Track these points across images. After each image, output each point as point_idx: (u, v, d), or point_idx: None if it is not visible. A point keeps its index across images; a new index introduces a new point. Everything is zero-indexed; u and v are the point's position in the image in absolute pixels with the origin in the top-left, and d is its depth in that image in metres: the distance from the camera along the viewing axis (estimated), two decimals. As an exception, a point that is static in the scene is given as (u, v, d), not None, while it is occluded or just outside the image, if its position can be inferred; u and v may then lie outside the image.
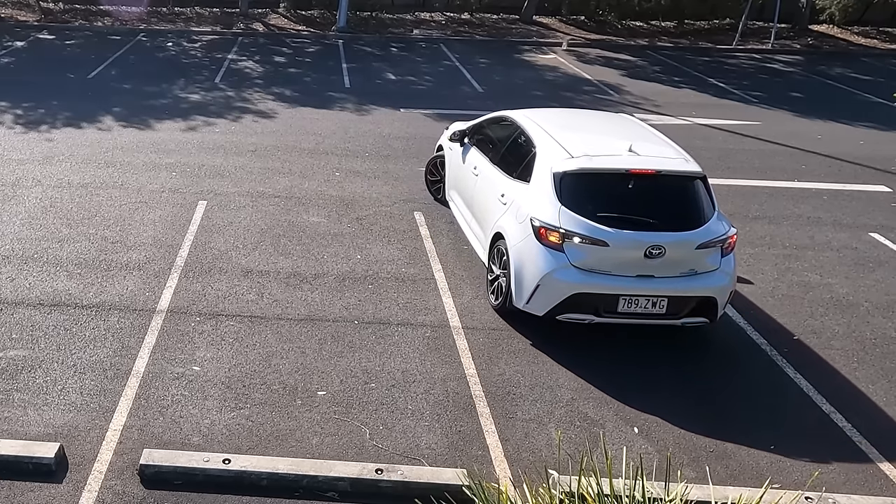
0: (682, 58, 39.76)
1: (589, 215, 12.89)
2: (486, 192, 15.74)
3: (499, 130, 16.83)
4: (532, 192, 13.88)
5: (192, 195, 19.72)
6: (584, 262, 12.88)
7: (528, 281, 13.26)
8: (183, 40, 39.61)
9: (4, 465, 10.30)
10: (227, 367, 12.81)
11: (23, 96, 28.10)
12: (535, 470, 10.63)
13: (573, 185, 13.31)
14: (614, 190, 13.42)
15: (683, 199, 13.41)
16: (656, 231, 12.79)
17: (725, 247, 13.10)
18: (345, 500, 10.19)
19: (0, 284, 15.00)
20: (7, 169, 20.89)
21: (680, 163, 13.60)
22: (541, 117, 15.97)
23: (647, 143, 14.44)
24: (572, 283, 12.86)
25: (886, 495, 10.34)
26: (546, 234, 13.04)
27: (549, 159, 13.88)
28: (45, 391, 12.01)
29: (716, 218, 13.19)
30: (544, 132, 14.83)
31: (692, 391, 12.42)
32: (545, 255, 13.05)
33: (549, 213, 13.16)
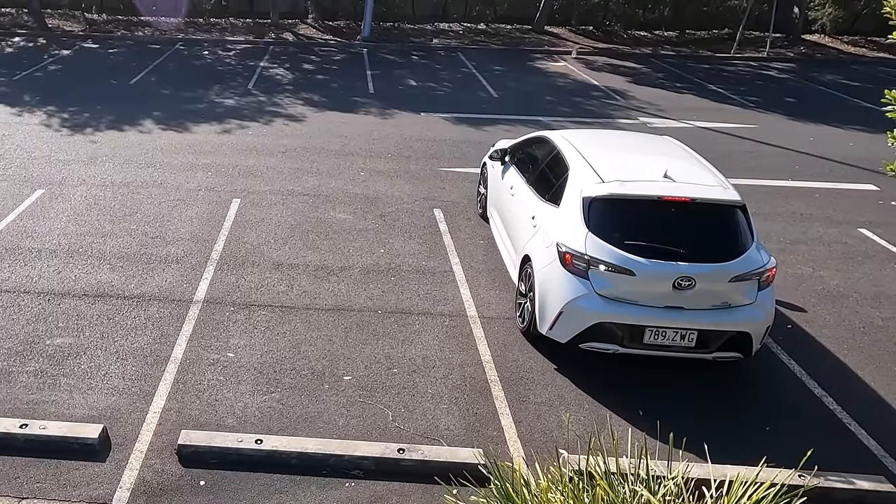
0: (683, 65, 39.70)
1: (616, 243, 11.70)
2: (518, 214, 14.76)
3: (536, 151, 15.72)
4: (560, 217, 12.75)
5: (227, 193, 19.73)
6: (610, 291, 11.65)
7: (551, 307, 12.18)
8: (218, 49, 39.65)
9: (52, 446, 10.33)
10: (259, 353, 12.84)
11: (69, 101, 28.15)
12: (547, 450, 10.66)
13: (602, 210, 12.11)
14: (645, 217, 12.22)
15: (718, 228, 12.15)
16: (687, 261, 11.46)
17: (763, 280, 11.72)
18: (369, 478, 10.19)
19: (48, 276, 15.04)
20: (54, 169, 20.92)
21: (718, 191, 12.24)
22: (578, 139, 14.73)
23: (685, 168, 13.14)
24: (596, 312, 11.67)
25: (872, 472, 10.44)
26: (571, 261, 11.89)
27: (579, 183, 12.71)
28: (90, 376, 12.04)
29: (754, 249, 11.79)
30: (578, 154, 13.59)
31: (691, 376, 12.40)
32: (569, 282, 11.89)
33: (575, 239, 11.95)
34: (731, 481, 7.37)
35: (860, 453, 11.12)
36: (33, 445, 10.34)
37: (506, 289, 15.08)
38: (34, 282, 14.84)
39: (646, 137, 16.16)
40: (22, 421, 10.61)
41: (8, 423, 10.53)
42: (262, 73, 34.41)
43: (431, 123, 27.30)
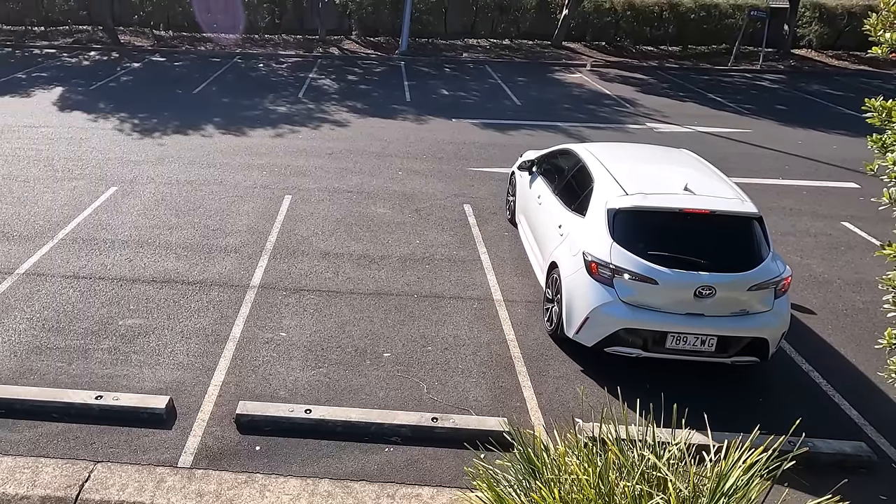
0: (686, 76, 39.49)
1: (640, 253, 11.28)
2: (546, 222, 14.20)
3: (562, 162, 15.15)
4: (586, 227, 12.23)
5: (280, 191, 19.74)
6: (634, 299, 11.24)
7: (577, 313, 11.73)
8: (272, 62, 39.64)
9: (124, 415, 10.43)
10: (308, 333, 12.87)
11: (139, 108, 28.22)
12: (564, 419, 10.74)
13: (626, 222, 11.66)
14: (667, 228, 11.69)
15: (737, 239, 11.61)
16: (707, 271, 11.03)
17: (779, 288, 11.30)
18: (406, 443, 10.25)
19: (120, 264, 15.10)
20: (126, 168, 20.99)
21: (735, 203, 11.75)
22: (602, 152, 14.14)
23: (704, 181, 12.58)
24: (620, 319, 11.25)
25: (853, 438, 10.58)
26: (597, 269, 11.45)
27: (604, 195, 12.25)
28: (158, 353, 12.11)
29: (770, 259, 11.38)
30: (602, 167, 13.12)
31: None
32: (595, 290, 11.44)
33: (600, 249, 11.54)
34: (728, 447, 7.35)
35: (843, 422, 11.21)
36: (107, 415, 10.45)
37: (528, 276, 15.06)
38: (108, 269, 14.91)
39: (664, 150, 15.46)
40: (97, 393, 10.69)
41: (85, 395, 10.61)
42: (311, 84, 34.40)
43: (462, 128, 27.24)
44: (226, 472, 9.59)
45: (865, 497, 9.45)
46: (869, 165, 7.97)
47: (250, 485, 9.35)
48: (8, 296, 13.75)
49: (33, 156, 22.00)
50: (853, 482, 9.26)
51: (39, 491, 9.12)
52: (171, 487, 9.25)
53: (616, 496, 6.80)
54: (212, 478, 9.44)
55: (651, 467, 7.11)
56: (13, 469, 9.42)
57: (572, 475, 7.13)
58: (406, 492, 9.35)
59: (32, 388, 10.91)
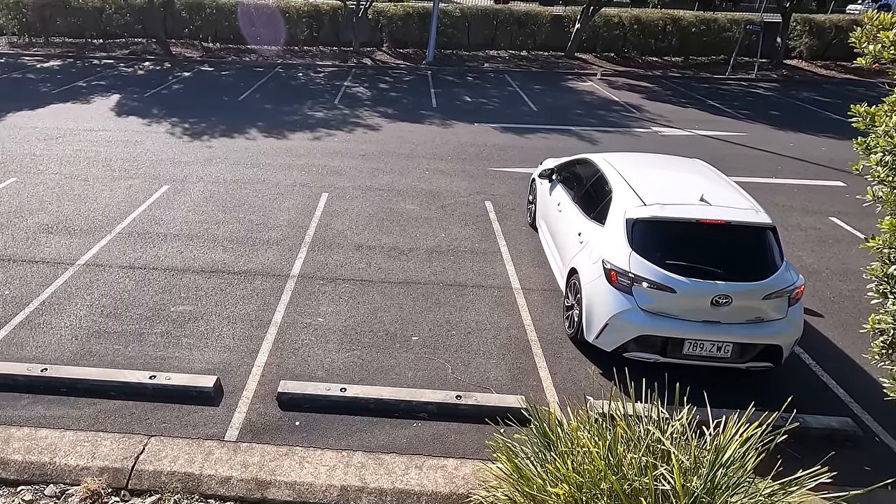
0: (687, 84, 39.33)
1: (658, 262, 10.84)
2: (566, 229, 13.76)
3: (581, 171, 14.59)
4: (606, 235, 11.79)
5: (317, 189, 19.76)
6: (652, 306, 10.79)
7: (597, 318, 11.31)
8: (310, 71, 39.65)
9: (176, 393, 10.50)
10: (344, 318, 12.90)
11: (189, 113, 28.31)
12: (577, 396, 10.76)
13: (644, 231, 11.19)
14: (684, 238, 11.14)
15: (752, 249, 11.10)
16: (723, 280, 10.57)
17: (793, 296, 10.85)
18: (432, 419, 10.29)
19: (172, 256, 15.17)
20: (177, 169, 21.07)
21: (750, 213, 11.28)
22: (619, 161, 13.68)
23: (719, 192, 12.02)
24: (638, 325, 10.81)
25: (840, 414, 10.66)
26: (616, 277, 11.03)
27: (623, 205, 11.79)
28: (206, 337, 12.17)
29: (784, 268, 10.91)
30: (620, 177, 12.65)
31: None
32: (614, 297, 11.02)
33: (619, 257, 11.11)
34: (725, 422, 7.36)
35: (831, 399, 11.24)
36: (160, 393, 10.53)
37: (544, 266, 15.08)
38: (161, 260, 14.98)
39: (679, 160, 14.91)
40: (151, 373, 10.75)
41: (140, 375, 10.67)
42: (346, 91, 34.40)
43: (483, 132, 27.17)
44: (268, 445, 9.65)
45: (851, 468, 9.43)
46: (854, 166, 7.99)
47: (290, 457, 9.40)
48: (70, 284, 13.84)
49: (93, 157, 22.12)
50: (840, 454, 9.27)
51: (98, 462, 9.19)
52: (218, 459, 9.30)
53: (624, 467, 6.82)
54: (255, 450, 9.50)
55: (656, 441, 7.11)
56: (75, 443, 9.49)
57: (584, 448, 7.15)
58: (433, 463, 9.39)
59: (92, 368, 11.00)
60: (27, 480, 9.02)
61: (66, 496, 8.80)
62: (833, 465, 7.14)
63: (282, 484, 8.98)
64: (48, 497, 8.80)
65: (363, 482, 9.03)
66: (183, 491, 8.90)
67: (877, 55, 7.53)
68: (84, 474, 9.04)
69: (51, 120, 26.84)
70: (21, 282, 13.89)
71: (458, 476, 9.16)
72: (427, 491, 8.94)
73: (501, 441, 7.80)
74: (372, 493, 8.91)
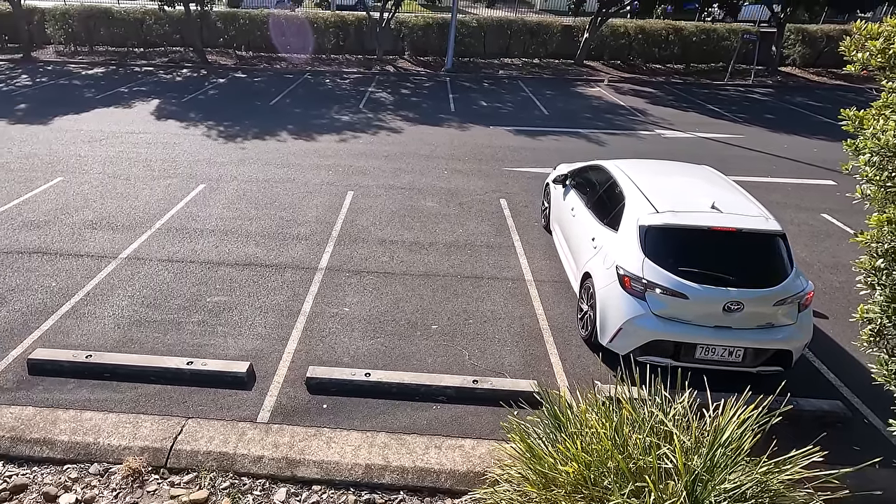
0: (688, 90, 39.20)
1: (671, 268, 10.48)
2: (579, 234, 13.33)
3: (593, 177, 14.15)
4: (619, 241, 11.39)
5: (343, 187, 19.78)
6: (665, 312, 10.43)
7: (611, 323, 10.95)
8: (336, 78, 39.65)
9: (211, 378, 10.57)
10: (368, 308, 12.93)
11: (224, 117, 28.36)
12: (585, 381, 10.80)
13: (657, 238, 10.83)
14: (696, 245, 10.79)
15: (763, 256, 10.77)
16: (735, 287, 10.23)
17: (802, 302, 10.49)
18: (450, 402, 10.32)
19: (208, 250, 15.23)
20: (213, 169, 21.13)
21: (761, 221, 10.92)
22: (631, 168, 13.21)
23: (729, 199, 11.62)
24: (652, 331, 10.47)
25: (832, 398, 10.69)
26: (629, 283, 10.68)
27: (636, 212, 11.40)
28: (240, 325, 12.23)
29: (793, 275, 10.55)
30: (633, 184, 12.25)
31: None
32: (628, 302, 10.66)
33: (633, 264, 10.76)
34: (724, 405, 7.36)
35: (822, 384, 11.27)
36: (197, 378, 10.59)
37: (554, 259, 15.09)
38: (197, 254, 15.04)
39: (688, 167, 14.41)
40: (189, 359, 10.81)
41: (178, 361, 10.73)
42: (370, 97, 34.41)
43: (498, 134, 27.13)
44: (298, 426, 9.70)
45: (841, 448, 9.43)
46: (844, 166, 8.00)
47: (318, 437, 9.44)
48: (112, 277, 13.92)
49: (134, 158, 22.19)
50: (831, 435, 9.28)
51: (139, 443, 9.24)
52: (251, 440, 9.35)
53: (629, 447, 6.83)
54: (286, 431, 9.54)
55: (659, 423, 7.12)
56: (117, 424, 9.55)
57: (592, 429, 7.16)
58: (451, 443, 9.41)
59: (133, 354, 11.07)
60: (73, 459, 9.09)
61: (109, 474, 8.87)
62: (825, 445, 7.12)
63: (310, 463, 9.03)
64: (92, 475, 8.86)
65: (386, 461, 9.07)
66: (218, 469, 8.95)
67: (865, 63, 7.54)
68: (126, 454, 9.10)
69: (95, 123, 26.98)
70: (67, 274, 13.97)
71: (474, 455, 9.19)
72: (446, 469, 8.97)
73: (515, 423, 7.81)
74: (394, 471, 8.95)
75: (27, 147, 23.13)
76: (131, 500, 8.51)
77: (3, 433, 9.33)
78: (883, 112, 7.60)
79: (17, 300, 12.90)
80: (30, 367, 10.77)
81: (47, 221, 16.57)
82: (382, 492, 8.79)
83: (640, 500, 6.36)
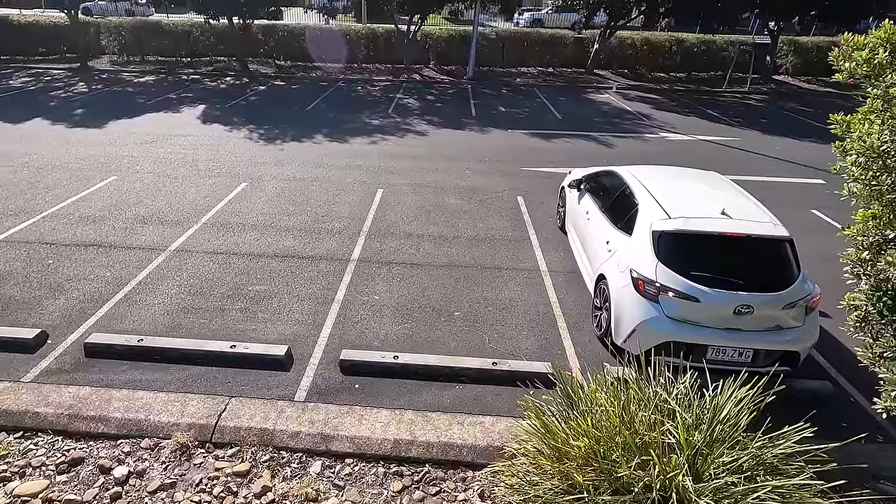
0: (689, 96, 39.10)
1: (683, 272, 10.19)
2: (594, 236, 13.07)
3: (607, 183, 13.87)
4: (633, 246, 11.13)
5: (374, 185, 19.81)
6: (677, 314, 10.14)
7: (625, 324, 10.66)
8: (367, 85, 39.69)
9: (253, 360, 10.60)
10: (396, 296, 12.96)
11: (264, 121, 28.46)
12: (595, 363, 10.75)
13: (670, 243, 10.56)
14: (707, 250, 10.46)
15: (772, 261, 10.47)
16: (745, 291, 9.94)
17: (810, 305, 10.25)
18: (472, 382, 10.33)
19: (249, 242, 15.29)
20: (254, 168, 21.20)
21: (769, 227, 10.62)
22: (643, 174, 12.94)
23: (739, 205, 11.32)
24: (665, 332, 10.14)
25: (820, 378, 10.84)
26: (643, 287, 10.40)
27: (649, 217, 11.14)
28: (279, 312, 12.27)
29: (801, 279, 10.28)
30: (646, 190, 11.99)
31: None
32: (641, 305, 10.40)
33: (647, 267, 10.50)
34: (722, 385, 7.38)
35: (813, 365, 11.24)
36: (239, 360, 10.64)
37: (567, 252, 15.09)
38: (240, 246, 15.11)
39: (698, 173, 13.94)
40: (232, 343, 10.86)
41: (223, 345, 10.79)
42: (398, 103, 34.43)
43: (515, 137, 27.11)
44: (331, 404, 9.72)
45: (830, 425, 9.37)
46: (833, 166, 8.04)
47: (350, 414, 9.48)
48: (162, 267, 13.99)
49: (181, 158, 22.33)
50: (821, 413, 9.22)
51: (187, 419, 9.30)
52: (289, 417, 9.39)
53: (636, 423, 6.84)
54: (321, 409, 9.58)
55: (663, 401, 7.13)
56: (166, 402, 9.61)
57: (601, 407, 7.17)
58: (472, 420, 9.42)
59: (181, 339, 11.13)
60: (125, 435, 9.15)
61: (159, 448, 8.93)
62: (815, 422, 7.12)
63: (343, 438, 9.06)
64: (143, 449, 8.92)
65: (413, 436, 9.10)
66: (259, 444, 9.00)
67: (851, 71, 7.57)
68: (174, 429, 9.16)
69: (146, 126, 27.13)
70: (121, 265, 14.06)
71: (493, 431, 9.20)
72: (468, 444, 8.99)
73: (531, 401, 7.83)
74: (420, 446, 8.98)
75: (84, 149, 23.31)
76: (179, 472, 8.57)
77: (62, 411, 9.42)
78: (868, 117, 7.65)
79: (75, 289, 13.00)
80: (86, 350, 10.85)
81: (102, 217, 16.69)
82: (409, 464, 8.81)
83: (646, 472, 6.38)
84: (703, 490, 6.27)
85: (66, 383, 10.08)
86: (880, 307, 7.75)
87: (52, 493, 8.23)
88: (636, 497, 6.31)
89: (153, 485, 8.34)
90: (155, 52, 46.68)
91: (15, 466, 8.61)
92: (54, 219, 16.48)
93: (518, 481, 7.13)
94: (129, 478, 8.50)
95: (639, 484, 6.33)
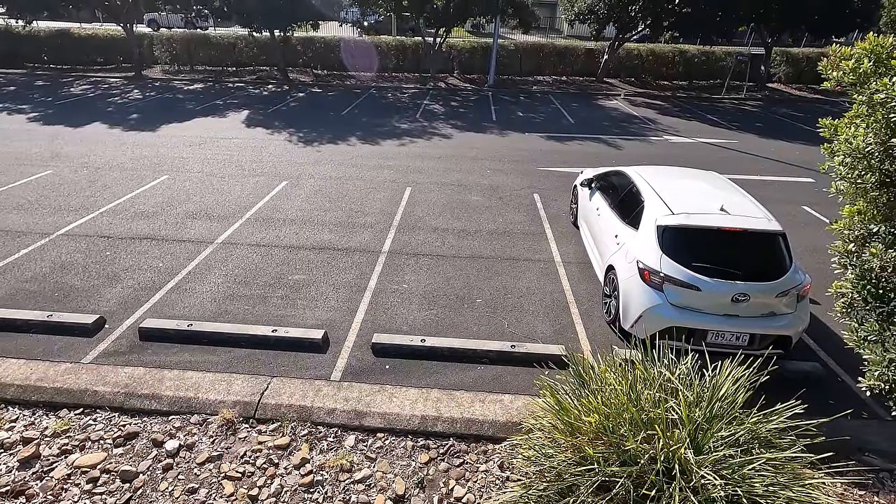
0: (691, 102, 38.93)
1: (685, 264, 10.31)
2: (604, 231, 13.16)
3: (616, 181, 13.93)
4: (639, 239, 11.23)
5: (402, 184, 19.84)
6: (680, 302, 10.28)
7: (632, 311, 10.78)
8: (397, 93, 39.72)
9: (292, 343, 10.69)
10: (423, 285, 12.98)
11: (302, 125, 28.55)
12: (605, 346, 10.80)
13: (673, 237, 10.65)
14: (707, 243, 10.51)
15: (766, 253, 10.50)
16: (742, 280, 10.07)
17: (801, 293, 10.30)
18: (492, 363, 10.35)
19: (289, 236, 15.35)
20: (293, 168, 21.27)
21: (763, 222, 10.64)
22: (649, 174, 13.05)
23: (736, 202, 11.36)
24: (669, 318, 10.27)
25: (811, 360, 10.83)
26: (649, 276, 10.55)
27: (654, 213, 11.23)
28: (316, 299, 12.32)
29: (793, 270, 10.33)
30: (651, 189, 12.07)
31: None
32: (647, 293, 10.53)
33: (652, 259, 10.62)
34: (720, 366, 7.38)
35: (804, 348, 11.23)
36: (280, 343, 10.72)
37: (579, 244, 15.08)
38: (281, 239, 15.17)
39: (699, 172, 13.91)
40: (273, 327, 10.95)
41: (265, 329, 10.87)
42: (425, 108, 34.44)
43: (532, 139, 27.05)
44: (364, 384, 9.79)
45: (819, 402, 9.40)
46: (822, 166, 8.07)
47: (381, 393, 9.54)
48: (210, 259, 14.08)
49: (227, 159, 22.42)
50: (810, 391, 9.22)
51: (232, 397, 9.39)
52: (325, 395, 9.46)
53: (642, 401, 6.85)
54: (354, 388, 9.64)
55: (666, 381, 7.13)
56: (213, 382, 9.70)
57: (610, 386, 7.19)
58: (493, 398, 9.47)
59: (227, 324, 11.20)
60: (176, 411, 9.24)
61: (207, 423, 9.02)
62: (805, 400, 7.13)
63: (375, 414, 9.13)
64: (193, 424, 9.02)
65: (438, 412, 9.15)
66: (298, 419, 9.07)
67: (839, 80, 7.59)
68: (221, 406, 9.25)
69: (195, 130, 27.28)
70: (172, 256, 14.15)
71: (512, 408, 9.24)
72: (488, 420, 9.03)
73: (546, 381, 7.84)
74: (445, 421, 9.03)
75: (138, 150, 23.46)
76: (225, 445, 8.66)
77: (119, 389, 9.53)
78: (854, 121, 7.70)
79: (130, 278, 13.10)
80: (141, 334, 10.95)
81: (155, 212, 16.79)
82: (435, 438, 8.87)
83: (651, 445, 6.39)
84: (703, 462, 6.29)
85: (122, 364, 10.20)
86: (865, 294, 7.79)
87: (109, 464, 8.34)
88: (642, 468, 6.33)
89: (201, 457, 8.44)
90: (203, 62, 47.06)
91: (76, 440, 8.74)
92: (111, 214, 16.60)
93: (534, 454, 7.16)
94: (179, 450, 8.60)
95: (644, 456, 6.35)
